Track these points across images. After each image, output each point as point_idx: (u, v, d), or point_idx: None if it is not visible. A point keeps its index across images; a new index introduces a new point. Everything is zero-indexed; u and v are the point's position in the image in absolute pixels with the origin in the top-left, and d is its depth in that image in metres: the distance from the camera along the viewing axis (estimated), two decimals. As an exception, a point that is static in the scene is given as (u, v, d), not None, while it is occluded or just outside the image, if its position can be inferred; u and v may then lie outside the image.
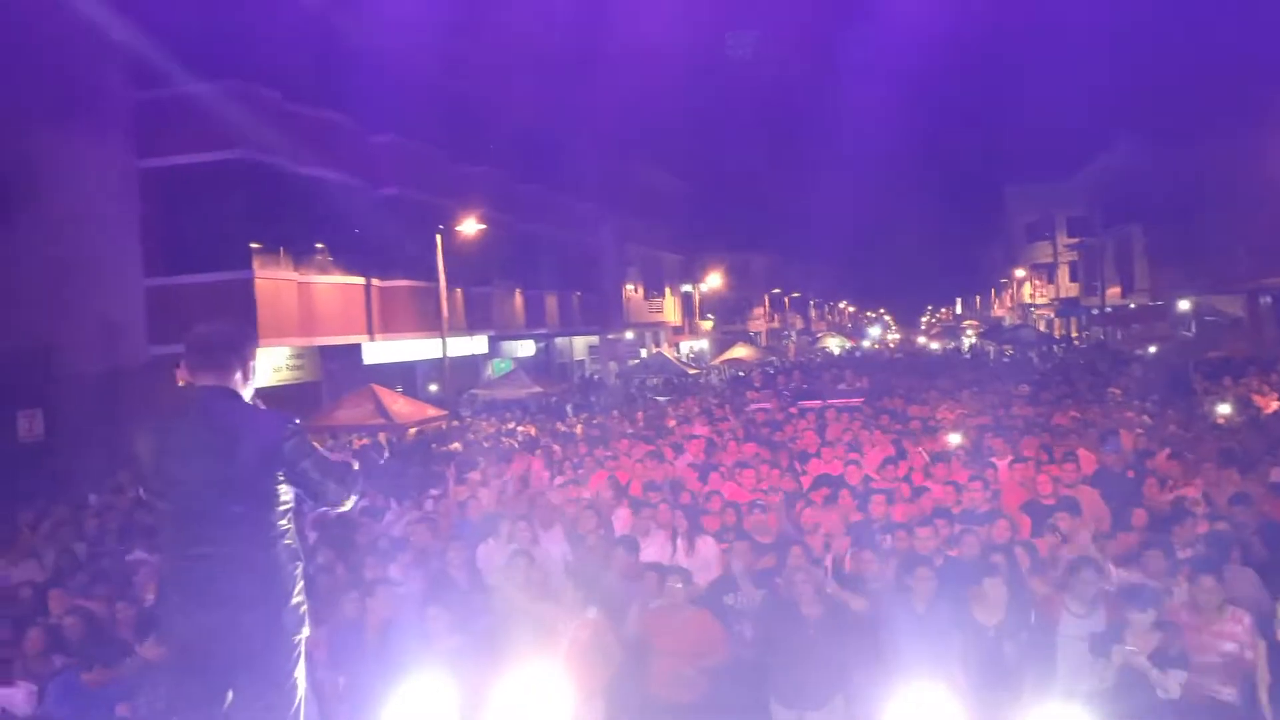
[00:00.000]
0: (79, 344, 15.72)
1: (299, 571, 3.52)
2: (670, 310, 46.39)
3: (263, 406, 3.68)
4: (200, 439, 3.42)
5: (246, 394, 3.65)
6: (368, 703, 4.93)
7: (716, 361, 39.58)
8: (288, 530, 3.50)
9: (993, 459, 10.11)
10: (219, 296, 16.99)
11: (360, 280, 21.18)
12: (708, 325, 50.81)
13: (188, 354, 3.67)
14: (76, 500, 11.70)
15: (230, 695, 3.45)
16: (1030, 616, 6.20)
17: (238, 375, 3.59)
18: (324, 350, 20.33)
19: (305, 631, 3.55)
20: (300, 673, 3.54)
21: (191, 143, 17.09)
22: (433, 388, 23.61)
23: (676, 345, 45.95)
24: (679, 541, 7.63)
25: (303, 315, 18.84)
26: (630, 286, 40.74)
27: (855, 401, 16.14)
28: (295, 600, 3.48)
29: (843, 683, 5.88)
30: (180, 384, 12.39)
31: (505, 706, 4.40)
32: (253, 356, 3.68)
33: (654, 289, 44.01)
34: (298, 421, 3.56)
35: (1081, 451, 10.00)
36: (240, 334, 3.74)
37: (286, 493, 3.48)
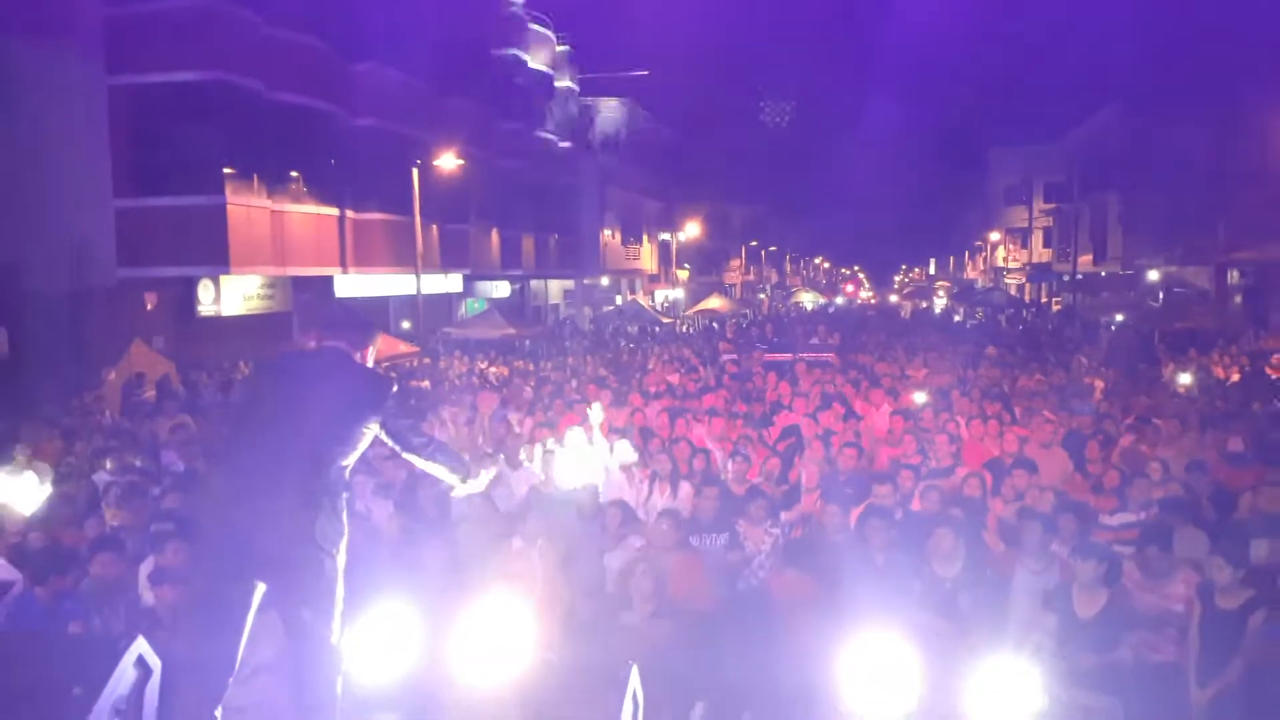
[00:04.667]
0: (46, 263, 15.43)
1: (343, 504, 3.86)
2: (647, 258, 46.20)
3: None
4: (311, 378, 3.91)
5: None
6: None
7: (690, 312, 39.60)
8: (345, 472, 3.90)
9: (957, 417, 10.23)
10: (190, 220, 16.74)
11: (334, 211, 20.87)
12: (684, 275, 50.70)
13: (319, 323, 4.40)
14: (44, 419, 11.56)
15: (261, 587, 3.70)
16: (986, 571, 6.35)
17: (357, 353, 4.09)
18: (296, 281, 20.10)
19: (343, 549, 3.83)
20: (340, 588, 3.82)
21: (165, 61, 16.66)
22: (405, 324, 23.46)
23: (652, 294, 45.86)
24: (658, 484, 7.68)
25: (275, 244, 18.58)
26: (608, 232, 40.46)
27: (827, 356, 16.24)
28: (335, 520, 3.79)
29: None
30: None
31: (469, 638, 4.47)
32: (370, 345, 4.20)
33: (632, 235, 43.76)
34: (396, 389, 4.12)
35: (1047, 413, 10.15)
36: (367, 324, 4.38)
37: (363, 442, 3.90)
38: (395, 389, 4.08)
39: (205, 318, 17.93)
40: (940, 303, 52.67)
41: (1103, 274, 39.31)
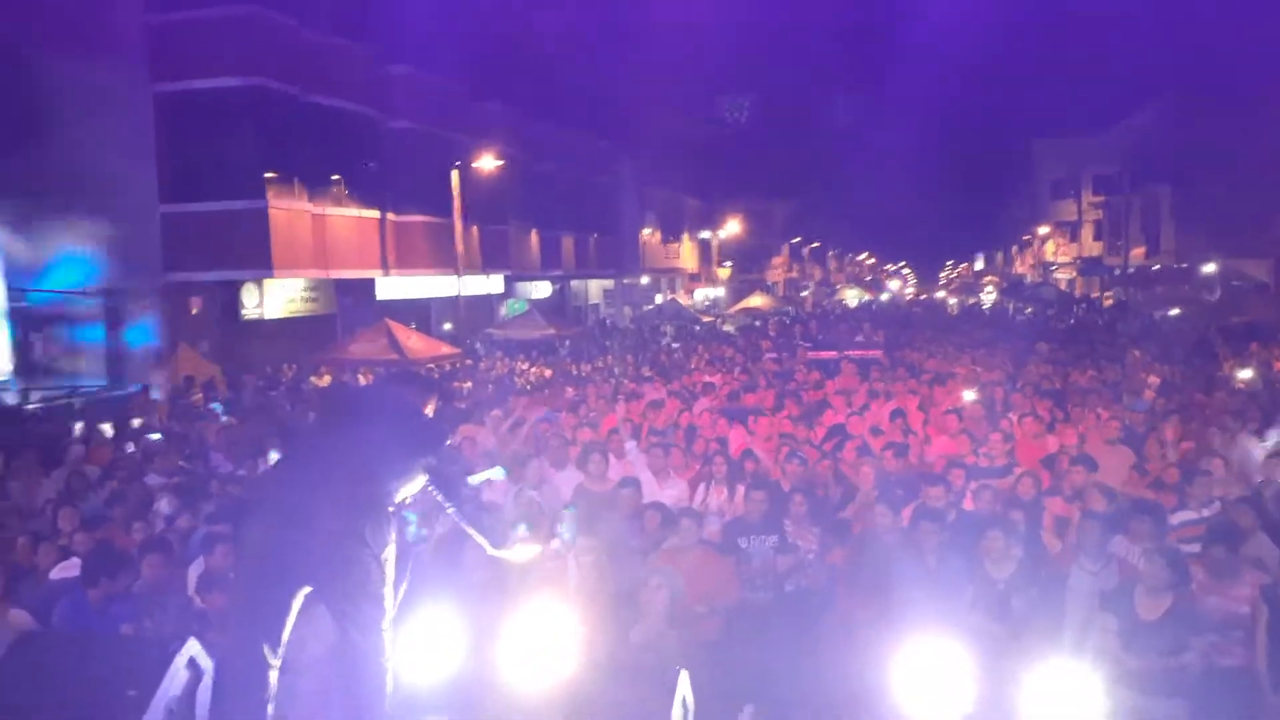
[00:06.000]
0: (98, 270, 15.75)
1: (391, 514, 3.95)
2: (687, 256, 46.00)
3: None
4: (373, 414, 4.08)
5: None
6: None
7: (732, 310, 39.35)
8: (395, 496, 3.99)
9: (1010, 414, 9.99)
10: (233, 225, 16.91)
11: (375, 214, 21.00)
12: (725, 273, 50.40)
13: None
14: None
15: (303, 592, 3.70)
16: (1040, 571, 6.16)
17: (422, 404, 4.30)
18: (338, 284, 20.27)
19: (391, 554, 3.89)
20: (389, 590, 3.86)
21: (206, 68, 16.83)
22: (447, 326, 23.56)
23: (692, 292, 45.69)
24: (713, 487, 7.57)
25: (316, 247, 18.72)
26: (648, 230, 40.35)
27: (873, 353, 15.95)
28: (384, 525, 3.86)
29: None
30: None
31: (514, 640, 4.40)
32: (431, 402, 4.44)
33: (672, 234, 43.57)
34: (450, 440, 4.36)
35: (1101, 410, 9.88)
36: (431, 383, 5.03)
37: (415, 479, 4.00)
38: (450, 441, 4.35)
39: (249, 321, 18.12)
40: (988, 298, 51.82)
41: (1156, 267, 38.43)
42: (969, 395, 11.73)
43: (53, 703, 3.52)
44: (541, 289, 31.24)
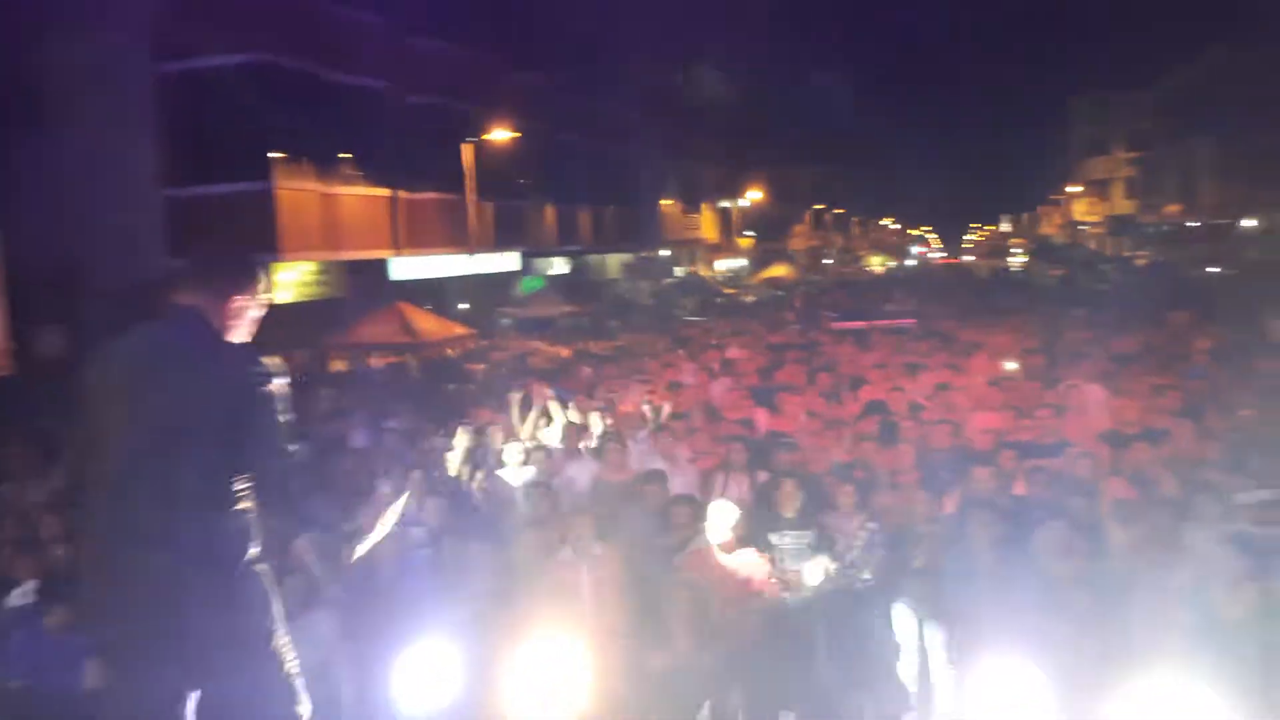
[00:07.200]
0: (99, 257, 15.33)
1: (250, 547, 2.82)
2: (708, 226, 45.16)
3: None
4: (147, 368, 2.77)
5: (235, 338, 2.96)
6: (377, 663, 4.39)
7: (753, 280, 38.64)
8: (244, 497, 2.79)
9: (1058, 386, 9.34)
10: (239, 208, 16.44)
11: (386, 192, 20.43)
12: (747, 242, 49.52)
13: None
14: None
15: (193, 698, 2.83)
16: (1105, 564, 5.58)
17: (222, 304, 2.93)
18: (349, 265, 19.79)
19: (269, 589, 2.88)
20: (284, 644, 2.88)
21: (209, 45, 16.29)
22: (463, 306, 23.06)
23: (713, 264, 44.92)
24: (732, 476, 6.97)
25: (326, 228, 18.23)
26: (667, 201, 39.57)
27: (906, 322, 15.27)
28: (249, 561, 2.80)
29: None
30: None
31: (519, 669, 3.89)
32: (248, 294, 3.01)
33: (692, 204, 42.72)
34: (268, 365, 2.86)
35: (1157, 379, 9.22)
36: (242, 260, 3.11)
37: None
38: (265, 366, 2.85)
39: (259, 306, 17.68)
40: (1016, 260, 50.68)
41: (1192, 224, 37.29)
42: (1010, 365, 11.10)
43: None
44: (558, 265, 30.66)
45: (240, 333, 2.98)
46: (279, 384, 2.83)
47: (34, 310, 14.34)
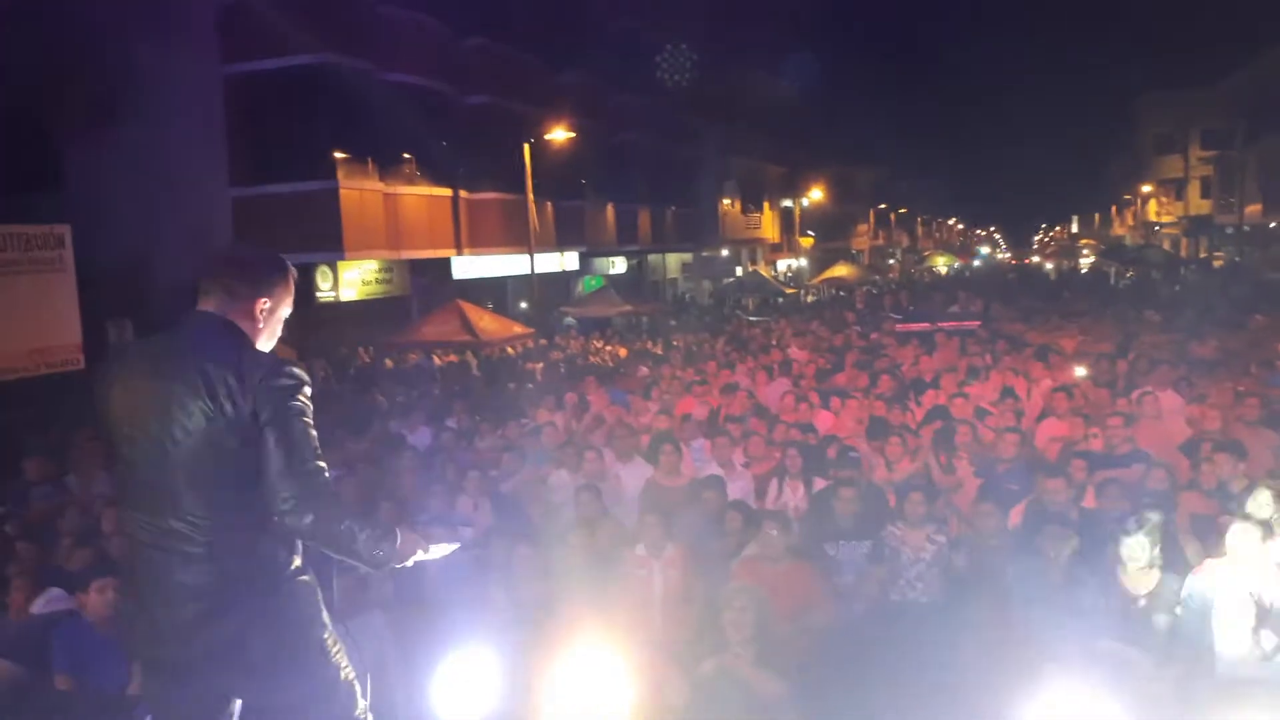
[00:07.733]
0: (168, 254, 15.62)
1: (295, 558, 2.74)
2: (768, 226, 44.69)
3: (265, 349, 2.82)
4: (171, 374, 2.61)
5: (262, 344, 2.81)
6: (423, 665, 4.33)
7: (815, 281, 38.13)
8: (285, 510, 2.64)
9: (1132, 394, 8.95)
10: (304, 207, 16.70)
11: (448, 192, 20.60)
12: (808, 242, 48.93)
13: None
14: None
15: (237, 705, 2.78)
16: (1183, 583, 5.27)
17: (244, 308, 2.75)
18: (413, 264, 19.98)
19: (318, 598, 2.79)
20: (337, 650, 2.79)
21: (275, 46, 16.58)
22: (523, 305, 23.13)
23: (774, 263, 44.45)
24: (787, 483, 6.80)
25: (389, 227, 18.43)
26: (727, 201, 39.26)
27: (971, 325, 14.82)
28: (292, 573, 2.72)
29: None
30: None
31: (565, 681, 3.77)
32: (274, 297, 2.81)
33: (752, 203, 42.34)
34: (299, 371, 2.70)
35: (1238, 386, 8.79)
36: (265, 261, 2.86)
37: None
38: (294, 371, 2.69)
39: (324, 304, 17.94)
40: (1087, 261, 49.25)
41: (1273, 225, 35.83)
42: (1080, 371, 10.69)
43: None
44: (618, 264, 30.59)
45: (267, 338, 2.82)
46: (307, 392, 2.69)
47: (105, 307, 14.67)
